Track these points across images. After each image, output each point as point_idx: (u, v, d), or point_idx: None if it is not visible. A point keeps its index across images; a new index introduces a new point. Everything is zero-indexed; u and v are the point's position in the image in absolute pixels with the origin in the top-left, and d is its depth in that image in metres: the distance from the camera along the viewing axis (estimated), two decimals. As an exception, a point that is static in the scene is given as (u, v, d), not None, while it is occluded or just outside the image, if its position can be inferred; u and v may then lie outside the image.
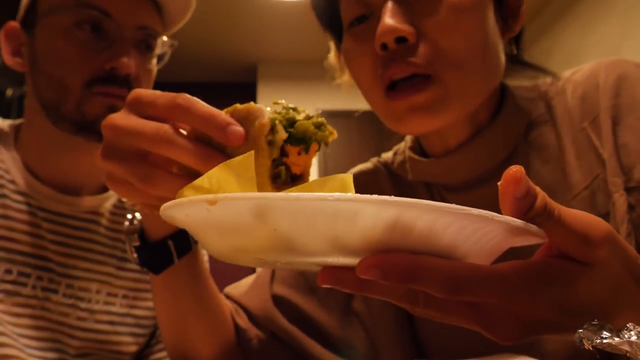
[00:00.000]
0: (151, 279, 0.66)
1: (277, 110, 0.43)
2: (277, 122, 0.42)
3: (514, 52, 0.72)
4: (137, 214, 0.62)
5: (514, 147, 0.68)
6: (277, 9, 4.05)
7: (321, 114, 0.44)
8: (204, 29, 4.08)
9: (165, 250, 0.61)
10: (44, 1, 0.81)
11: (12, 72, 0.88)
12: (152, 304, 0.88)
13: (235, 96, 0.47)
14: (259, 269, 0.80)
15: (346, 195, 0.30)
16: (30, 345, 0.77)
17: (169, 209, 0.35)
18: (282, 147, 0.42)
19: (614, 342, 0.31)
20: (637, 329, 0.31)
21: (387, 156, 0.82)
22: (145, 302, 0.89)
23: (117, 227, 0.89)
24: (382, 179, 0.79)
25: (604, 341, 0.31)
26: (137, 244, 0.61)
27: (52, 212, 0.83)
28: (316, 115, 0.43)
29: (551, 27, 3.70)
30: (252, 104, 0.43)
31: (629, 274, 0.38)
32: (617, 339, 0.31)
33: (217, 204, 0.31)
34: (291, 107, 0.43)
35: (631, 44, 3.02)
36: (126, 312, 0.87)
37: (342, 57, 0.71)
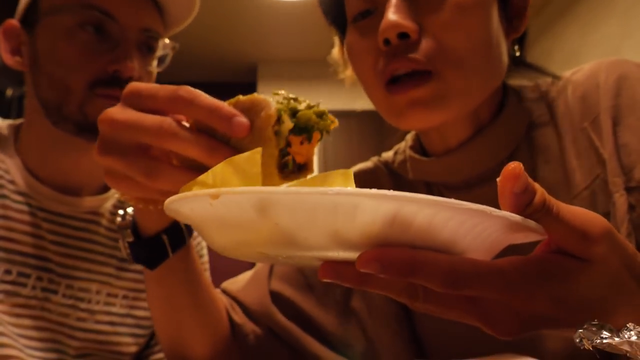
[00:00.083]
0: (145, 276, 0.66)
1: (279, 100, 0.43)
2: (283, 112, 0.42)
3: (517, 53, 0.72)
4: (128, 209, 0.62)
5: (515, 147, 0.68)
6: (277, 9, 4.05)
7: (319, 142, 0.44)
8: (204, 29, 4.08)
9: (159, 245, 0.60)
10: (45, 1, 0.81)
11: (12, 72, 0.87)
12: (152, 304, 0.88)
13: (235, 96, 0.47)
14: (257, 264, 0.81)
15: (346, 189, 0.30)
16: (30, 345, 0.77)
17: (173, 203, 0.35)
18: (286, 137, 0.42)
19: (614, 342, 0.31)
20: (637, 329, 0.31)
21: (387, 155, 0.82)
22: (145, 303, 0.88)
23: None
24: (382, 178, 0.79)
25: (604, 341, 0.31)
26: (131, 240, 0.61)
27: (52, 212, 0.83)
28: (317, 104, 0.44)
29: (551, 27, 3.70)
30: (255, 95, 0.43)
31: (628, 271, 0.38)
32: (617, 339, 0.31)
33: (220, 198, 0.31)
34: (292, 97, 0.43)
35: (631, 43, 3.01)
36: (126, 313, 0.87)
37: (346, 52, 0.71)
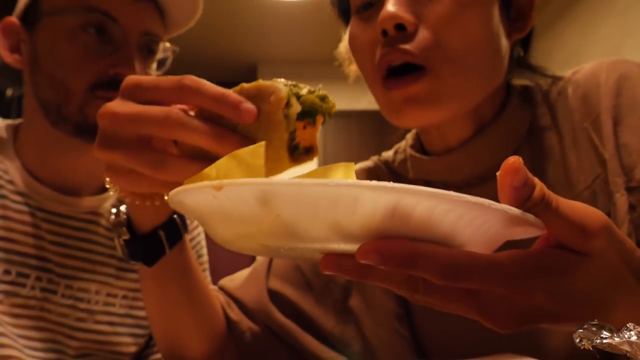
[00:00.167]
0: (140, 274, 0.65)
1: (285, 84, 0.43)
2: (292, 96, 0.42)
3: (520, 54, 0.72)
4: (121, 207, 0.61)
5: (516, 147, 0.68)
6: (277, 9, 4.05)
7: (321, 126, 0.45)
8: (204, 29, 4.08)
9: (156, 241, 0.60)
10: (47, 0, 0.81)
11: (12, 72, 0.87)
12: (151, 304, 0.88)
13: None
14: (255, 263, 0.80)
15: (346, 181, 0.30)
16: (29, 345, 0.77)
17: (177, 195, 0.35)
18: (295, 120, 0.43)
19: (614, 342, 0.31)
20: (637, 329, 0.31)
21: (387, 155, 0.82)
22: (144, 303, 0.88)
23: None
24: (382, 177, 0.79)
25: (604, 341, 0.31)
26: (126, 237, 0.60)
27: (51, 212, 0.83)
28: (318, 88, 0.44)
29: (551, 27, 3.69)
30: (260, 81, 0.43)
31: (626, 265, 0.38)
32: (617, 339, 0.31)
33: (223, 189, 0.31)
34: (292, 83, 0.43)
35: (631, 43, 3.01)
36: (125, 313, 0.87)
37: (348, 43, 0.71)
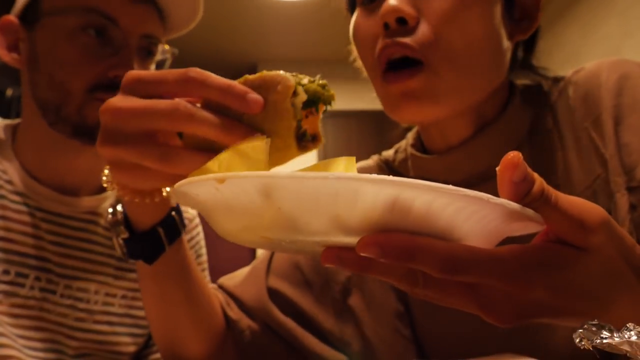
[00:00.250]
0: (139, 273, 0.65)
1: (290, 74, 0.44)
2: (298, 85, 0.43)
3: (522, 55, 0.72)
4: (118, 206, 0.61)
5: (517, 146, 0.68)
6: (277, 9, 4.05)
7: (322, 115, 0.46)
8: (204, 29, 4.07)
9: (154, 238, 0.60)
10: (47, 0, 0.80)
11: (13, 71, 0.87)
12: (151, 304, 0.87)
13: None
14: (254, 261, 0.81)
15: (347, 174, 0.31)
16: (28, 345, 0.77)
17: (182, 187, 0.36)
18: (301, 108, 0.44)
19: (613, 342, 0.31)
20: (637, 329, 0.31)
21: (388, 154, 0.82)
22: (144, 303, 0.88)
23: None
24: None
25: (604, 341, 0.31)
26: (125, 236, 0.60)
27: (50, 212, 0.83)
28: (317, 78, 0.45)
29: (551, 27, 3.69)
30: (265, 72, 0.44)
31: (625, 260, 0.38)
32: (617, 339, 0.31)
33: (226, 182, 0.32)
34: (293, 74, 0.44)
35: (632, 43, 3.01)
36: (125, 313, 0.87)
37: (351, 35, 0.71)
